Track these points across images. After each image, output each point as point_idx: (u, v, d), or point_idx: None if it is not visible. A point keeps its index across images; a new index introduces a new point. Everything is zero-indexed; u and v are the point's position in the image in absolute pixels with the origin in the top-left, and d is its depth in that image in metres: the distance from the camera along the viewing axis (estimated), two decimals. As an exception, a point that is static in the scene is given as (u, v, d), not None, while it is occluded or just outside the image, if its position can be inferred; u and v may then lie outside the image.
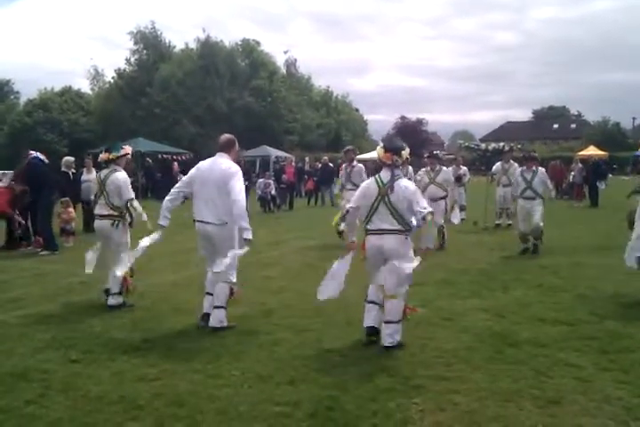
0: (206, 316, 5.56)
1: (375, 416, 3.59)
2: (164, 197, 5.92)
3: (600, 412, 3.62)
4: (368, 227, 5.03)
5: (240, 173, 5.46)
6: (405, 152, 5.04)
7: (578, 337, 5.07)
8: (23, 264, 9.15)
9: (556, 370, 4.31)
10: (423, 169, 10.74)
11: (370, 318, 5.06)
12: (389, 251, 4.92)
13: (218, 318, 5.44)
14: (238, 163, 5.69)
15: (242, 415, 3.62)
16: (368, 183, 5.16)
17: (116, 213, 6.38)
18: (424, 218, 4.84)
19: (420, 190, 5.17)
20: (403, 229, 4.90)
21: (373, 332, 5.00)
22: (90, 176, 12.98)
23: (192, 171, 5.70)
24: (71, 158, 13.01)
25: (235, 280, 5.58)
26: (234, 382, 4.14)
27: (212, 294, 5.59)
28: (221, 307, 5.47)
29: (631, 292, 6.66)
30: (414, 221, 4.97)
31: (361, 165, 11.10)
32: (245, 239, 5.23)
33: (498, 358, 4.57)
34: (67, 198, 11.72)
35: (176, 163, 26.48)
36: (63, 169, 12.64)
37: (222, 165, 5.42)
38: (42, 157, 10.78)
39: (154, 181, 25.49)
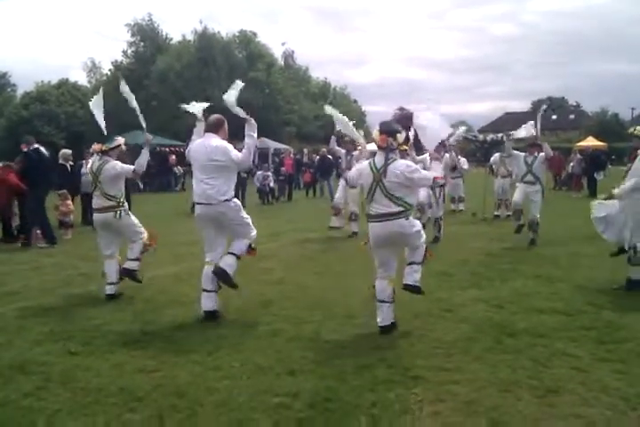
0: (209, 313, 5.47)
1: (374, 407, 3.61)
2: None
3: (598, 402, 3.64)
4: (369, 212, 5.02)
5: (231, 147, 5.43)
6: (401, 135, 4.97)
7: (576, 327, 5.08)
8: (21, 257, 9.15)
9: (554, 360, 4.33)
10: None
11: (382, 316, 5.05)
12: (396, 238, 4.95)
13: (227, 262, 5.45)
14: None
15: (241, 406, 3.63)
16: (362, 167, 5.14)
17: (114, 204, 6.38)
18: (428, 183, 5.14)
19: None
20: (403, 209, 4.87)
21: (389, 328, 5.01)
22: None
23: (188, 153, 5.68)
24: (68, 151, 12.99)
25: (254, 236, 5.70)
26: (233, 374, 4.15)
27: (209, 291, 5.49)
28: (234, 254, 5.52)
29: (629, 282, 6.65)
30: (421, 197, 5.04)
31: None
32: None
33: (496, 349, 4.59)
34: (64, 191, 11.71)
35: (174, 155, 26.42)
36: (61, 161, 12.62)
37: (212, 144, 5.39)
38: (42, 149, 10.75)
39: (149, 173, 25.45)
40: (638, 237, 6.36)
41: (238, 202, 5.60)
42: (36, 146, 10.48)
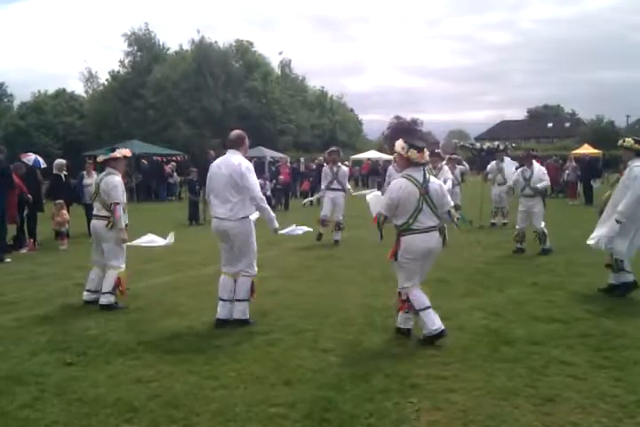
0: (220, 321, 5.57)
1: (371, 416, 3.60)
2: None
3: (595, 409, 3.64)
4: (414, 227, 4.99)
5: (252, 168, 5.59)
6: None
7: (572, 335, 5.09)
8: (18, 267, 9.12)
9: (551, 368, 4.33)
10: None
11: (433, 320, 4.98)
12: (436, 249, 5.14)
13: (241, 310, 5.55)
14: None
15: (237, 417, 3.62)
16: (402, 185, 5.01)
17: (109, 214, 6.39)
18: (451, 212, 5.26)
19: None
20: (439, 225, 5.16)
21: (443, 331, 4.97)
22: (91, 180, 13.00)
23: (210, 170, 5.78)
24: (62, 161, 12.99)
25: (255, 273, 5.72)
26: (230, 384, 4.13)
27: (224, 300, 5.60)
28: (244, 300, 5.57)
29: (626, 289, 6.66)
30: (448, 215, 5.27)
31: (344, 167, 11.80)
32: (274, 229, 5.78)
33: (493, 357, 4.58)
34: (60, 201, 11.70)
35: (173, 163, 26.33)
36: (55, 172, 12.62)
37: (234, 161, 5.50)
38: (39, 160, 10.86)
39: (148, 183, 25.41)
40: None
41: (252, 224, 5.71)
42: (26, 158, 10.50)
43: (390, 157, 14.99)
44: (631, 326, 5.30)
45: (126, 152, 6.69)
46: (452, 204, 5.32)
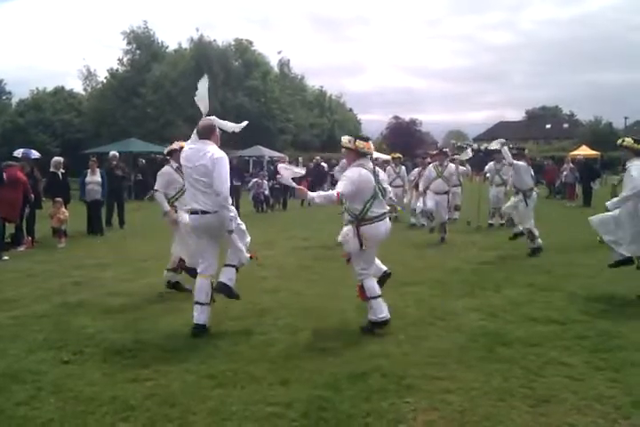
0: (197, 327, 5.26)
1: (368, 416, 3.60)
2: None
3: (591, 410, 3.64)
4: (370, 215, 5.26)
5: (225, 159, 5.21)
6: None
7: (569, 336, 5.10)
8: (16, 265, 9.11)
9: (547, 369, 4.34)
10: (432, 164, 11.81)
11: (383, 308, 5.30)
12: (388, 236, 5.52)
13: (228, 276, 5.40)
14: (230, 162, 5.49)
15: (234, 416, 3.62)
16: (362, 172, 5.24)
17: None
18: None
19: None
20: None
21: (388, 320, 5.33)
22: (94, 178, 13.06)
23: (182, 158, 5.47)
24: (60, 159, 12.99)
25: (244, 260, 5.48)
26: (226, 383, 4.13)
27: (201, 304, 5.31)
28: (233, 266, 5.44)
29: (623, 291, 6.69)
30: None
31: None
32: (227, 230, 5.19)
33: (490, 358, 4.59)
34: (59, 199, 11.70)
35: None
36: (52, 169, 12.63)
37: (208, 152, 5.16)
38: (31, 151, 10.90)
39: (146, 181, 25.35)
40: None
41: (233, 209, 5.35)
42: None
43: (388, 157, 15.00)
44: (628, 328, 5.31)
45: (182, 144, 6.71)
46: (391, 195, 5.91)
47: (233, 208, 5.35)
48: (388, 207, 5.55)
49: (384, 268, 5.83)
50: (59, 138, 42.37)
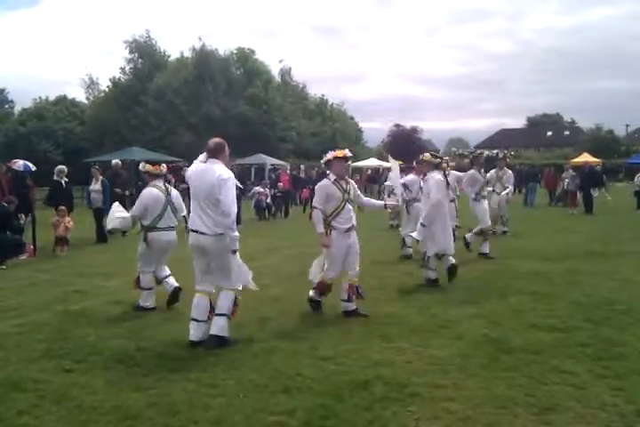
0: (193, 344, 5.19)
1: (370, 425, 3.59)
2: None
3: (595, 419, 3.63)
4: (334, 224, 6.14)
5: (232, 180, 5.16)
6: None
7: (572, 344, 5.08)
8: (18, 273, 9.12)
9: (550, 377, 4.32)
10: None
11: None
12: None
13: (219, 326, 5.16)
14: (230, 170, 5.43)
15: (236, 425, 3.61)
16: (330, 187, 6.12)
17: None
18: None
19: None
20: None
21: None
22: (95, 186, 13.14)
23: (188, 174, 5.41)
24: (63, 167, 13.02)
25: (240, 289, 5.38)
26: (228, 392, 4.13)
27: (198, 321, 5.25)
28: (224, 315, 5.20)
29: (625, 298, 6.67)
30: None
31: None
32: (232, 250, 5.13)
33: (492, 366, 4.58)
34: (63, 207, 11.71)
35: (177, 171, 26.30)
36: (55, 178, 12.65)
37: (215, 172, 5.09)
38: (28, 164, 10.98)
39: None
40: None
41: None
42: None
43: (390, 165, 14.96)
44: (631, 336, 5.29)
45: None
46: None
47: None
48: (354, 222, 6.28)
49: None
50: (61, 146, 42.46)
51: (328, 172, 6.30)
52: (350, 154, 6.29)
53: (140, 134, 38.65)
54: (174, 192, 6.94)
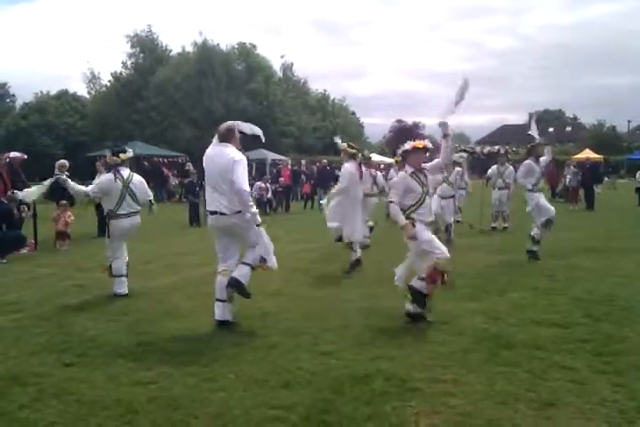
0: (221, 324, 5.51)
1: (370, 420, 3.58)
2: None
3: (595, 415, 3.62)
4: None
5: (244, 160, 5.40)
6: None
7: (573, 340, 5.07)
8: (19, 267, 9.12)
9: (551, 373, 4.31)
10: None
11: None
12: None
13: (242, 271, 5.49)
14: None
15: (236, 419, 3.61)
16: (408, 180, 5.71)
17: None
18: None
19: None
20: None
21: None
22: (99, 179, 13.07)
23: (204, 159, 5.64)
24: (65, 161, 12.97)
25: (263, 262, 5.72)
26: (229, 386, 4.13)
27: (222, 301, 5.53)
28: (248, 264, 5.56)
29: (626, 294, 6.67)
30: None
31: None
32: (256, 224, 5.52)
33: (493, 361, 4.57)
34: (65, 202, 11.71)
35: (177, 166, 26.36)
36: (57, 172, 12.61)
37: (228, 154, 5.35)
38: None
39: (148, 184, 25.43)
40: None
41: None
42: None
43: (391, 161, 15.04)
44: (631, 332, 5.28)
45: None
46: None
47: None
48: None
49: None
50: (62, 141, 42.53)
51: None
52: (431, 145, 5.95)
53: (141, 129, 38.68)
54: (136, 179, 7.30)
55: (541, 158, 9.60)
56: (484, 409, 3.70)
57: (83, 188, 7.27)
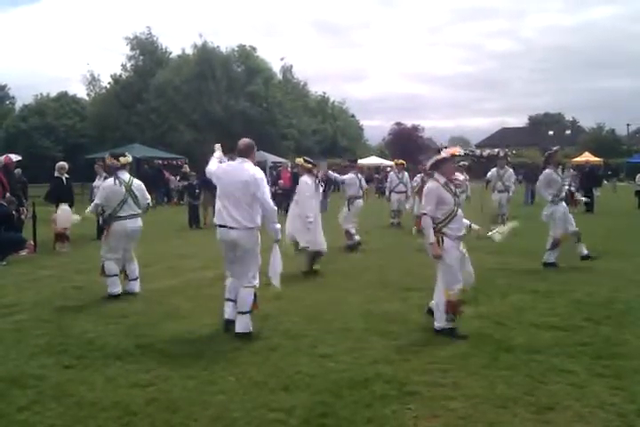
0: (228, 322, 5.56)
1: (369, 423, 3.59)
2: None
3: (594, 418, 3.62)
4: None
5: (265, 179, 5.59)
6: None
7: (572, 343, 5.07)
8: (18, 269, 9.12)
9: (550, 376, 4.31)
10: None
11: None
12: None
13: (244, 324, 5.40)
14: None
15: (236, 422, 3.61)
16: (441, 190, 5.41)
17: None
18: None
19: None
20: None
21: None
22: (98, 182, 13.07)
23: (217, 172, 5.68)
24: (64, 163, 12.98)
25: (257, 284, 5.63)
26: (228, 389, 4.13)
27: (232, 300, 5.59)
28: (247, 312, 5.43)
29: (626, 297, 6.67)
30: None
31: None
32: (275, 240, 5.65)
33: (493, 365, 4.57)
34: (64, 203, 11.68)
35: (178, 168, 26.32)
36: (56, 174, 12.62)
37: (249, 170, 5.44)
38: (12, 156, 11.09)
39: (149, 187, 25.41)
40: None
41: (258, 234, 5.63)
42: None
43: (391, 163, 15.06)
44: (631, 335, 5.29)
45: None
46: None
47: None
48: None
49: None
50: (62, 143, 42.53)
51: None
52: (462, 152, 5.86)
53: (140, 131, 38.65)
54: (136, 182, 7.35)
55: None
56: (483, 413, 3.71)
57: (92, 206, 7.40)
